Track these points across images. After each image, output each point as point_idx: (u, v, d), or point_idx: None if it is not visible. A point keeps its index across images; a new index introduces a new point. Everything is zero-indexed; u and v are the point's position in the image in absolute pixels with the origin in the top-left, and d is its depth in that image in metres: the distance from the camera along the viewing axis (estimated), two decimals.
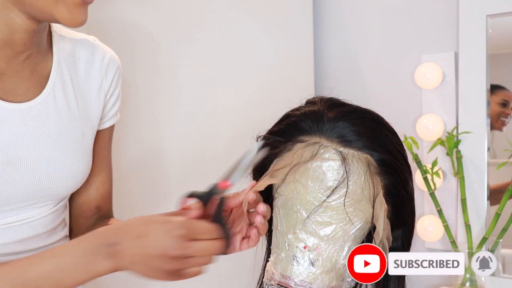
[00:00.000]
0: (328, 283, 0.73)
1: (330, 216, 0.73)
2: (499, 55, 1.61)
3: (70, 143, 0.89)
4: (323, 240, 0.73)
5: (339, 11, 1.95)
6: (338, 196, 0.72)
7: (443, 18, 1.71)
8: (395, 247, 0.77)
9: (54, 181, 0.87)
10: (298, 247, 0.74)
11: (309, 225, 0.73)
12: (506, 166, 1.60)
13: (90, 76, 0.94)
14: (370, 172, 0.72)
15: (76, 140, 0.90)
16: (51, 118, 0.86)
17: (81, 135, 0.91)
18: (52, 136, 0.86)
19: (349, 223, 0.73)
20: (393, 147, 0.75)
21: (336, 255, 0.73)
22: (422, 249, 1.77)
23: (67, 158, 0.88)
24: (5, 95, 0.82)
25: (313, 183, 0.72)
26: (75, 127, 0.90)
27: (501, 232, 1.54)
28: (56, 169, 0.86)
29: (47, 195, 0.88)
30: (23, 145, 0.83)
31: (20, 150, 0.82)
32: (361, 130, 0.73)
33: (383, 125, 0.77)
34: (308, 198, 0.73)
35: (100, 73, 0.95)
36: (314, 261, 0.73)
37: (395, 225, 0.76)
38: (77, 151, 0.90)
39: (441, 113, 1.68)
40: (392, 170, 0.74)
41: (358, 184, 0.72)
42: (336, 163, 0.72)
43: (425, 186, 1.63)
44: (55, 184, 0.87)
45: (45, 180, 0.86)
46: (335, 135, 0.73)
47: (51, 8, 0.76)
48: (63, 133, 0.88)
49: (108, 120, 1.00)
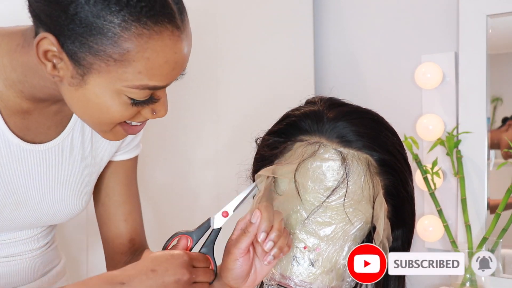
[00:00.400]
0: (328, 283, 0.73)
1: (330, 216, 0.73)
2: (499, 55, 1.61)
3: (78, 185, 0.89)
4: (323, 240, 0.73)
5: (339, 11, 1.95)
6: (338, 197, 0.72)
7: (443, 18, 1.71)
8: (395, 247, 0.77)
9: (53, 218, 0.89)
10: (298, 247, 0.74)
11: (309, 225, 0.73)
12: (506, 166, 1.60)
13: None
14: (370, 172, 0.72)
15: (83, 181, 0.90)
16: (65, 160, 0.87)
17: (89, 177, 0.91)
18: (62, 178, 0.87)
19: (349, 223, 0.73)
20: (393, 147, 0.75)
21: (336, 255, 0.73)
22: (422, 249, 1.77)
23: (71, 200, 0.89)
24: (26, 134, 0.82)
25: (313, 183, 0.72)
26: (85, 168, 0.90)
27: (501, 232, 1.54)
28: (58, 210, 0.88)
29: (43, 225, 0.92)
30: (34, 186, 0.84)
31: (30, 191, 0.84)
32: (361, 130, 0.73)
33: (383, 125, 0.77)
34: (308, 199, 0.73)
35: None
36: (314, 261, 0.73)
37: (395, 225, 0.76)
38: (81, 193, 0.90)
39: (441, 113, 1.68)
40: (392, 170, 0.74)
41: (358, 185, 0.72)
42: (336, 163, 0.72)
43: (425, 186, 1.63)
44: (54, 220, 0.90)
45: (45, 218, 0.88)
46: (335, 135, 0.72)
47: (102, 131, 0.77)
48: (73, 175, 0.88)
49: (130, 152, 0.97)
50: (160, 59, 0.68)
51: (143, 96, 0.71)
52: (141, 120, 0.76)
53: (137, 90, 0.69)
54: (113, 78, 0.68)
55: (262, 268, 0.74)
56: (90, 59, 0.67)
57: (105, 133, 0.77)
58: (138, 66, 0.67)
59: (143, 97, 0.71)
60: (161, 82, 0.70)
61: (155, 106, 0.74)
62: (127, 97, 0.70)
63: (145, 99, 0.71)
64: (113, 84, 0.69)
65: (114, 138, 0.78)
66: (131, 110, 0.72)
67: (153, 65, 0.68)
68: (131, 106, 0.71)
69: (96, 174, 0.93)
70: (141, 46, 0.66)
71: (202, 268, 0.75)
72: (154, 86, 0.70)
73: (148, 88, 0.69)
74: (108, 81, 0.69)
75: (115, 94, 0.70)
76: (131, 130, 0.77)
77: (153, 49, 0.67)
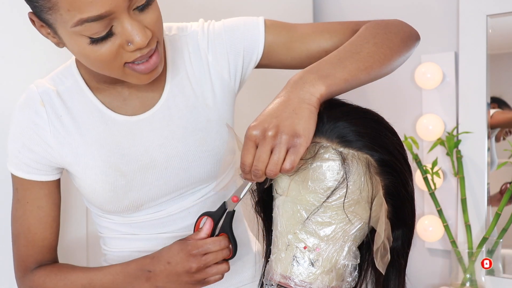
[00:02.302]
0: (328, 283, 0.73)
1: (330, 216, 0.72)
2: (499, 55, 1.61)
3: (197, 132, 0.94)
4: (323, 241, 0.73)
5: (339, 11, 1.95)
6: (338, 197, 0.72)
7: (443, 18, 1.71)
8: (395, 247, 0.77)
9: (191, 172, 0.95)
10: (298, 247, 0.74)
11: (309, 225, 0.73)
12: (506, 166, 1.61)
13: (199, 63, 0.97)
14: (369, 172, 0.72)
15: (201, 128, 0.95)
16: (174, 117, 0.94)
17: (206, 122, 0.95)
18: (177, 132, 0.94)
19: (349, 224, 0.73)
20: (393, 147, 0.75)
21: (336, 255, 0.73)
22: (422, 249, 1.77)
23: (196, 147, 0.94)
24: (133, 111, 0.94)
25: (313, 183, 0.72)
26: (198, 116, 0.95)
27: (501, 232, 1.54)
28: (188, 161, 0.94)
29: (193, 183, 0.97)
30: (155, 149, 0.93)
31: (153, 153, 0.93)
32: (361, 130, 0.73)
33: (383, 125, 0.77)
34: (308, 199, 0.73)
35: (199, 58, 0.97)
36: (314, 262, 0.73)
37: (395, 226, 0.76)
38: (204, 138, 0.94)
39: (441, 113, 1.68)
40: (392, 170, 0.74)
41: (358, 185, 0.72)
42: (336, 163, 0.72)
43: (425, 186, 1.63)
44: (194, 173, 0.96)
45: (182, 174, 0.95)
46: (335, 135, 0.72)
47: (120, 77, 0.84)
48: (187, 126, 0.94)
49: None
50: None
51: (95, 31, 0.76)
52: (131, 56, 0.79)
53: (80, 26, 0.75)
54: (61, 24, 0.76)
55: None
56: (45, 17, 0.77)
57: (122, 77, 0.84)
58: (63, 5, 0.74)
59: (95, 32, 0.76)
60: (94, 12, 0.73)
61: (127, 37, 0.77)
62: (86, 37, 0.76)
63: (103, 35, 0.76)
64: (66, 29, 0.77)
65: (136, 81, 0.84)
66: (102, 49, 0.77)
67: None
68: (94, 45, 0.77)
69: (216, 116, 0.97)
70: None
71: (215, 252, 0.84)
72: (89, 17, 0.74)
73: (85, 21, 0.74)
74: (63, 28, 0.77)
75: (75, 37, 0.77)
76: (140, 69, 0.82)
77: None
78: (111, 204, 0.94)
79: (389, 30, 0.86)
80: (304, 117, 0.69)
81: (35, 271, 0.95)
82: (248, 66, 0.98)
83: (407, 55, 0.88)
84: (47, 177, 0.94)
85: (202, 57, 0.96)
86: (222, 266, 0.86)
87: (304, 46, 0.95)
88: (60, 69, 0.96)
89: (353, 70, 0.76)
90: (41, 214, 0.94)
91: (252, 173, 0.70)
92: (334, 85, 0.74)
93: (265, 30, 0.96)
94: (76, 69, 0.94)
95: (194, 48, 0.96)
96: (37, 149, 0.91)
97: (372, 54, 0.79)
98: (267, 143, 0.68)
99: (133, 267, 0.90)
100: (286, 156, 0.68)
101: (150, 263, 0.88)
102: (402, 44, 0.86)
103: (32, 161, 0.92)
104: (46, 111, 0.90)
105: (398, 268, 0.78)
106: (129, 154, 0.92)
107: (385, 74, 0.84)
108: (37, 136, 0.91)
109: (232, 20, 0.99)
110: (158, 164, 0.93)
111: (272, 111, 0.70)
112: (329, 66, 0.75)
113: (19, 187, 0.94)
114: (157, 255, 0.88)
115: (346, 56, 0.78)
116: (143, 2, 0.78)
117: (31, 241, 0.94)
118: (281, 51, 0.96)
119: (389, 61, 0.82)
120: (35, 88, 0.92)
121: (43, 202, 0.94)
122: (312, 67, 0.76)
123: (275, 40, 0.96)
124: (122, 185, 0.92)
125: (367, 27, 0.87)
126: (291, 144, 0.68)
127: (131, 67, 0.82)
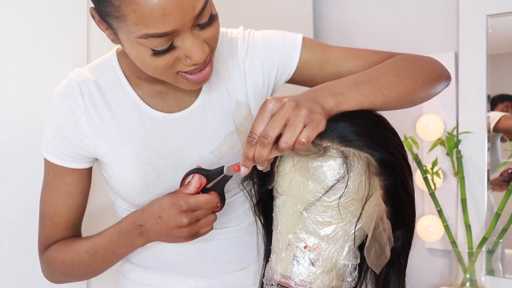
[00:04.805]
0: (328, 283, 0.73)
1: (330, 216, 0.73)
2: (499, 55, 1.61)
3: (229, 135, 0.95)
4: (323, 240, 0.73)
5: (339, 11, 1.95)
6: (338, 196, 0.72)
7: (443, 18, 1.71)
8: (395, 247, 0.77)
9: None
10: (298, 247, 0.74)
11: (309, 225, 0.73)
12: (506, 166, 1.61)
13: (236, 69, 0.99)
14: (369, 172, 0.72)
15: (233, 131, 0.95)
16: (208, 118, 0.96)
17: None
18: (210, 133, 0.96)
19: (349, 223, 0.73)
20: (393, 147, 0.75)
21: (337, 255, 0.73)
22: (422, 249, 1.77)
23: (227, 150, 0.92)
24: (169, 109, 0.96)
25: (314, 183, 0.72)
26: (231, 121, 0.96)
27: (501, 232, 1.54)
28: (220, 163, 0.93)
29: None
30: (187, 147, 0.95)
31: (186, 151, 0.95)
32: (361, 130, 0.73)
33: (384, 125, 0.77)
34: (308, 198, 0.73)
35: (237, 64, 0.99)
36: (314, 261, 0.73)
37: (395, 226, 0.76)
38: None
39: (441, 113, 1.68)
40: (393, 170, 0.74)
41: (357, 184, 0.72)
42: (336, 163, 0.72)
43: (425, 186, 1.63)
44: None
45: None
46: (336, 135, 0.72)
47: (171, 82, 0.86)
48: (220, 128, 0.96)
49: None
50: (144, 8, 0.73)
51: (158, 45, 0.77)
52: (187, 68, 0.82)
53: (144, 39, 0.76)
54: (125, 32, 0.77)
55: None
56: (110, 22, 0.78)
57: (173, 82, 0.86)
58: (132, 18, 0.74)
59: (158, 45, 0.77)
60: (160, 29, 0.74)
61: (186, 52, 0.79)
62: (148, 48, 0.78)
63: (165, 48, 0.78)
64: (128, 37, 0.78)
65: (186, 87, 0.86)
66: (161, 59, 0.79)
67: (142, 15, 0.73)
68: (155, 56, 0.78)
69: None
70: (126, 1, 0.73)
71: (205, 209, 0.85)
72: (155, 33, 0.75)
73: (151, 36, 0.75)
74: (125, 35, 0.78)
75: (136, 46, 0.78)
76: (193, 79, 0.84)
77: (136, 1, 0.73)
78: (140, 197, 0.95)
79: (417, 65, 0.86)
80: (319, 110, 0.69)
81: (50, 247, 0.98)
82: (281, 79, 1.01)
83: (431, 92, 0.88)
84: (79, 165, 0.95)
85: (240, 64, 0.99)
86: (211, 217, 0.87)
87: (336, 68, 0.97)
88: (100, 60, 0.97)
89: (368, 95, 0.76)
90: (69, 200, 0.97)
91: (259, 141, 0.68)
92: (344, 103, 0.74)
93: (302, 47, 0.98)
94: (117, 63, 0.95)
95: (233, 54, 0.99)
96: (72, 138, 0.93)
97: (391, 83, 0.79)
98: (285, 113, 0.67)
99: (125, 224, 0.91)
100: (303, 129, 0.67)
101: (140, 217, 0.88)
102: (428, 80, 0.86)
103: (65, 149, 0.93)
104: (84, 100, 0.92)
105: (398, 268, 0.78)
106: (163, 150, 0.94)
107: (404, 106, 0.84)
108: (73, 125, 0.92)
109: (272, 33, 1.01)
110: (190, 162, 0.95)
111: (291, 96, 0.70)
112: (343, 86, 0.76)
113: (51, 171, 0.96)
114: (147, 208, 0.88)
115: (363, 80, 0.78)
116: (206, 20, 0.79)
117: (56, 223, 0.98)
118: (314, 69, 0.98)
119: (410, 94, 0.82)
120: (74, 77, 0.94)
121: (72, 188, 0.97)
122: (327, 84, 0.76)
123: (309, 58, 0.98)
124: (152, 179, 0.94)
125: (396, 58, 0.88)
126: (310, 119, 0.67)
127: (183, 76, 0.84)
